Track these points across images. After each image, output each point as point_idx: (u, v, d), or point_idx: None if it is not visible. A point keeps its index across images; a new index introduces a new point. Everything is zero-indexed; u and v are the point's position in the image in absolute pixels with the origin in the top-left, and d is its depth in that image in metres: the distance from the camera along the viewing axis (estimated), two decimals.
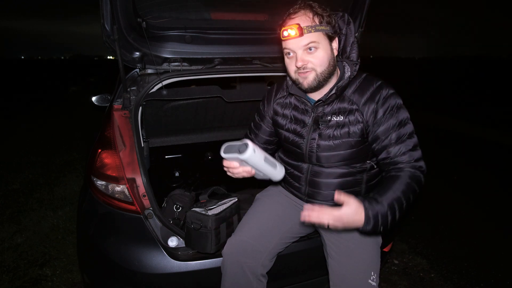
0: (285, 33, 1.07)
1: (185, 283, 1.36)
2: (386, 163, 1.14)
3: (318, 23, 1.08)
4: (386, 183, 1.08)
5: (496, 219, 2.91)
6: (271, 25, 1.70)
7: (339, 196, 0.96)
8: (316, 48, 1.08)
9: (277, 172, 1.10)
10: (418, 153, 1.12)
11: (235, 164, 1.10)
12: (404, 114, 1.13)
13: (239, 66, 1.80)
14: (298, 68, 1.11)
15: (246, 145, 1.03)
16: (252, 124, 1.48)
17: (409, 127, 1.13)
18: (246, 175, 1.13)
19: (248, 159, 1.04)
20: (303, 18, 1.07)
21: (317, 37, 1.08)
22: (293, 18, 1.09)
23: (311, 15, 1.08)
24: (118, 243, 1.34)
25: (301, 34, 1.05)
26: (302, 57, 1.09)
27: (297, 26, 1.05)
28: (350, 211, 0.95)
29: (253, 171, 1.12)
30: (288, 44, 1.10)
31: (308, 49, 1.08)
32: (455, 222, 2.85)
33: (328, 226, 0.96)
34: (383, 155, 1.14)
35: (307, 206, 0.96)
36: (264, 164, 1.07)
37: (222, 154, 1.08)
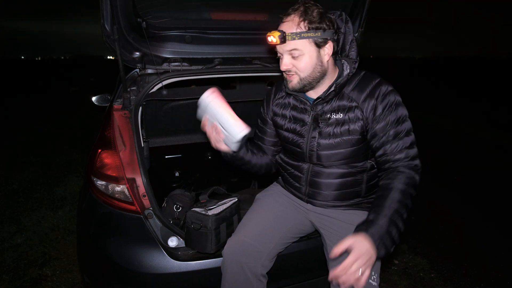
0: (268, 39, 1.09)
1: (185, 283, 1.36)
2: (383, 160, 1.14)
3: (304, 30, 1.06)
4: (382, 195, 1.08)
5: (496, 219, 2.91)
6: (271, 25, 1.69)
7: (337, 249, 0.98)
8: (300, 55, 1.09)
9: (235, 124, 1.14)
10: (414, 151, 1.12)
11: (204, 120, 1.21)
12: (402, 111, 1.13)
13: (239, 66, 1.79)
14: (283, 71, 1.15)
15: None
16: (256, 129, 1.48)
17: (407, 124, 1.13)
18: (217, 138, 1.21)
19: (202, 103, 1.14)
20: (289, 25, 1.08)
21: (301, 45, 1.08)
22: (284, 22, 1.10)
23: (298, 21, 1.07)
24: (118, 243, 1.34)
25: (282, 42, 1.07)
26: (285, 62, 1.12)
27: (279, 34, 1.06)
28: (360, 248, 0.96)
29: (221, 134, 1.19)
30: (276, 47, 1.14)
31: (292, 55, 1.10)
32: (455, 222, 2.84)
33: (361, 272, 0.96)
34: (380, 152, 1.14)
35: (332, 273, 0.95)
36: (220, 112, 1.14)
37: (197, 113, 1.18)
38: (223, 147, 1.24)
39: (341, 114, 1.16)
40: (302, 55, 1.09)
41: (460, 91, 12.27)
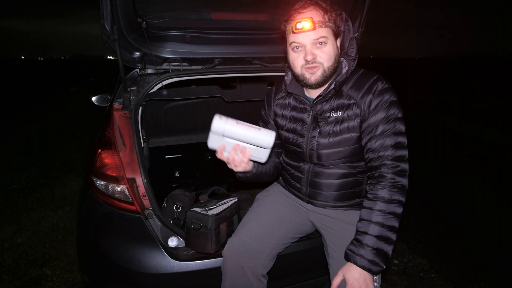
0: (299, 26, 1.07)
1: (185, 283, 1.36)
2: (367, 157, 1.13)
3: (327, 20, 1.10)
4: (368, 208, 1.08)
5: (496, 219, 2.91)
6: (271, 25, 1.69)
7: (335, 283, 1.07)
8: (325, 43, 1.10)
9: (263, 133, 1.09)
10: (401, 153, 1.09)
11: (220, 147, 1.14)
12: (395, 110, 1.11)
13: (239, 66, 1.79)
14: (307, 61, 1.11)
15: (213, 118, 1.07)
16: None
17: (398, 124, 1.11)
18: (242, 157, 1.15)
19: (217, 128, 1.07)
20: (314, 13, 1.09)
21: (327, 33, 1.09)
22: (303, 12, 1.09)
23: (321, 11, 1.09)
24: (118, 243, 1.34)
25: (315, 28, 1.07)
26: (311, 51, 1.10)
27: (311, 19, 1.06)
28: (352, 278, 1.04)
29: (247, 150, 1.13)
30: (298, 38, 1.10)
31: (318, 44, 1.10)
32: (455, 222, 2.84)
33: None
34: (366, 147, 1.14)
35: None
36: (241, 128, 1.08)
37: (208, 144, 1.13)
38: (244, 167, 1.19)
39: (340, 112, 1.16)
40: (327, 43, 1.10)
41: (460, 91, 12.27)
